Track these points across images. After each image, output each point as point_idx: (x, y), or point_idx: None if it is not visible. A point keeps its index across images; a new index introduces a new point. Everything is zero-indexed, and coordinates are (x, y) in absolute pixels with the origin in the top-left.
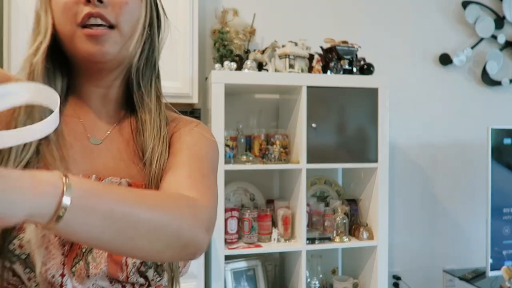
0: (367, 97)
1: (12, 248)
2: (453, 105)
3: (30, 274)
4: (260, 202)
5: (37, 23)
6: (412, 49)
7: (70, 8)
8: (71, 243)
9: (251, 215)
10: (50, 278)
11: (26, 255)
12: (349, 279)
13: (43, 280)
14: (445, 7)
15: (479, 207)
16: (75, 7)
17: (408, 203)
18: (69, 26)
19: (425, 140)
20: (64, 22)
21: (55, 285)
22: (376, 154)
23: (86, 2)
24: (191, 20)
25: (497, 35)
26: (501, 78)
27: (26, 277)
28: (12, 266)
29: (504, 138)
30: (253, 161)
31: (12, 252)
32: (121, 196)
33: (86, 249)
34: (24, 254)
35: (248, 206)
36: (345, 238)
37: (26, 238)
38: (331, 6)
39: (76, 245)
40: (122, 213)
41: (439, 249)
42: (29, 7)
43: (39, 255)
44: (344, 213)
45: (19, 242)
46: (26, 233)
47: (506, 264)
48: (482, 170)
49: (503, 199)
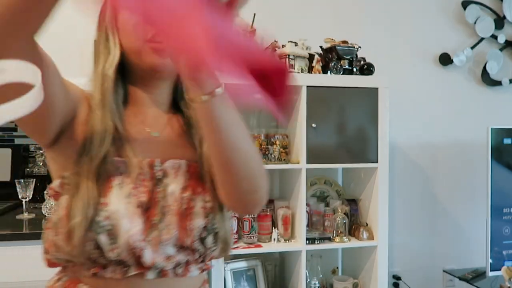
0: (367, 97)
1: (98, 220)
2: (453, 105)
3: (112, 245)
4: None
5: (105, 41)
6: (412, 49)
7: (139, 26)
8: (147, 213)
9: (251, 215)
10: (132, 246)
11: (112, 226)
12: (349, 279)
13: (125, 248)
14: (445, 7)
15: (479, 207)
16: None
17: (408, 203)
18: (137, 41)
19: (425, 140)
20: (133, 39)
21: (136, 252)
22: (376, 154)
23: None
24: None
25: (497, 35)
26: (501, 78)
27: (108, 248)
28: (97, 238)
29: (504, 138)
30: None
31: (98, 223)
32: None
33: (158, 219)
34: (110, 225)
35: None
36: (345, 238)
37: (113, 209)
38: (331, 6)
39: (151, 215)
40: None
41: (439, 249)
42: None
43: (125, 225)
44: (344, 213)
45: (106, 214)
46: (111, 205)
47: (506, 264)
48: (482, 170)
49: (503, 199)
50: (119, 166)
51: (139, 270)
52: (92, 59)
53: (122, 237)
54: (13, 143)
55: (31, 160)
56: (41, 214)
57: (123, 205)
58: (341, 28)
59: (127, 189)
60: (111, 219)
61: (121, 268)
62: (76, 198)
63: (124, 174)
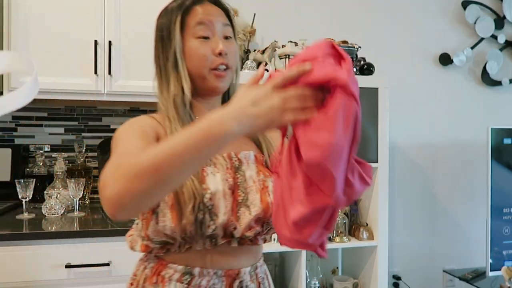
0: (367, 97)
1: (205, 201)
2: (453, 105)
3: (211, 221)
4: None
5: (174, 65)
6: (412, 49)
7: (207, 58)
8: (233, 194)
9: None
10: (228, 222)
11: (212, 205)
12: (349, 279)
13: (222, 224)
14: (445, 7)
15: (479, 207)
16: (211, 57)
17: (408, 203)
18: (204, 69)
19: (425, 140)
20: (200, 67)
21: (230, 227)
22: (376, 154)
23: (218, 55)
24: None
25: (497, 35)
26: (501, 78)
27: (207, 224)
28: (202, 217)
29: (504, 138)
30: None
31: (204, 204)
32: None
33: (242, 198)
34: (211, 205)
35: None
36: (345, 238)
37: (213, 191)
38: (331, 6)
39: (236, 195)
40: None
41: (439, 249)
42: (29, 7)
43: (222, 204)
44: (344, 213)
45: (209, 196)
46: (212, 189)
47: (506, 264)
48: (482, 170)
49: (503, 199)
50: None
51: (226, 240)
52: (159, 80)
53: (220, 214)
54: (13, 143)
55: (31, 160)
56: (41, 214)
57: (221, 188)
58: (341, 28)
59: (218, 176)
60: (212, 200)
61: (210, 240)
62: (182, 189)
63: (212, 165)
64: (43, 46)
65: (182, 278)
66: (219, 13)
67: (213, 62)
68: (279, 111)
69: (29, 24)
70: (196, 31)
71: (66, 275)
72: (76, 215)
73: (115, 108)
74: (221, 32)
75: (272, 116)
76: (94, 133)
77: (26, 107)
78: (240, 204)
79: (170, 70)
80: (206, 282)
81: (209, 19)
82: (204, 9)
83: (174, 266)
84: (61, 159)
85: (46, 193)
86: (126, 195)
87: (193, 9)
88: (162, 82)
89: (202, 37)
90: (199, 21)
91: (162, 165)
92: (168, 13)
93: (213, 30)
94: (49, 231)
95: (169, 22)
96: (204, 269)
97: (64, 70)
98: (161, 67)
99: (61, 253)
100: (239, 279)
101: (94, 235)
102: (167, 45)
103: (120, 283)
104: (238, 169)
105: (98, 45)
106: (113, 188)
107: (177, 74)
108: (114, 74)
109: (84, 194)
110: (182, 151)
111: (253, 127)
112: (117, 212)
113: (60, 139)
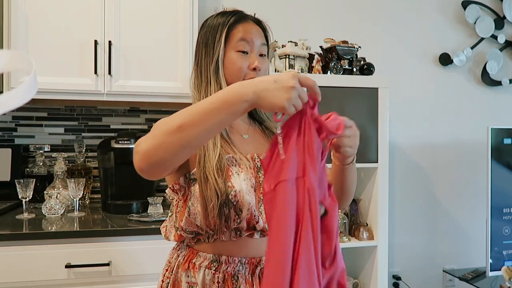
0: (367, 97)
1: (230, 197)
2: (453, 105)
3: (236, 216)
4: None
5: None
6: (412, 49)
7: (242, 71)
8: (255, 192)
9: None
10: (251, 216)
11: (237, 201)
12: (349, 279)
13: (246, 218)
14: (445, 7)
15: (479, 207)
16: (246, 70)
17: (408, 203)
18: (238, 79)
19: (425, 140)
20: (235, 77)
21: (253, 220)
22: (376, 154)
23: (253, 70)
24: (191, 19)
25: (497, 35)
26: (501, 78)
27: (232, 218)
28: (228, 212)
29: (504, 138)
30: None
31: (230, 200)
32: None
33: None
34: (236, 201)
35: None
36: (345, 238)
37: (238, 189)
38: (331, 6)
39: (258, 193)
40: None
41: (439, 249)
42: (29, 7)
43: (246, 200)
44: (344, 213)
45: (234, 193)
46: (236, 186)
47: (506, 264)
48: (482, 170)
49: (503, 199)
50: (232, 160)
51: (249, 232)
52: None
53: (244, 210)
54: (13, 143)
55: (31, 160)
56: (41, 214)
57: (244, 186)
58: (341, 28)
59: (242, 175)
60: (237, 197)
61: (236, 232)
62: (206, 186)
63: (237, 165)
64: (43, 46)
65: (210, 265)
66: (259, 33)
67: (247, 75)
68: (288, 94)
69: (29, 24)
70: (237, 45)
71: (66, 275)
72: (76, 215)
73: (115, 108)
74: (258, 50)
75: (281, 95)
76: (94, 133)
77: (26, 107)
78: (261, 200)
79: (211, 73)
80: (232, 269)
81: (250, 37)
82: (247, 28)
83: (204, 254)
84: (61, 159)
85: (46, 193)
86: (153, 149)
87: (238, 25)
88: (201, 82)
89: (242, 51)
90: (241, 37)
91: (185, 124)
92: (215, 25)
93: (251, 47)
94: (49, 231)
95: (215, 33)
96: (230, 257)
97: (64, 70)
98: (202, 69)
99: (61, 253)
100: (261, 266)
101: (94, 235)
102: (211, 52)
103: (120, 283)
104: (259, 169)
105: (98, 45)
106: (144, 144)
107: (216, 78)
108: (114, 74)
109: (84, 194)
110: (204, 113)
111: (259, 99)
112: (145, 165)
113: (60, 139)
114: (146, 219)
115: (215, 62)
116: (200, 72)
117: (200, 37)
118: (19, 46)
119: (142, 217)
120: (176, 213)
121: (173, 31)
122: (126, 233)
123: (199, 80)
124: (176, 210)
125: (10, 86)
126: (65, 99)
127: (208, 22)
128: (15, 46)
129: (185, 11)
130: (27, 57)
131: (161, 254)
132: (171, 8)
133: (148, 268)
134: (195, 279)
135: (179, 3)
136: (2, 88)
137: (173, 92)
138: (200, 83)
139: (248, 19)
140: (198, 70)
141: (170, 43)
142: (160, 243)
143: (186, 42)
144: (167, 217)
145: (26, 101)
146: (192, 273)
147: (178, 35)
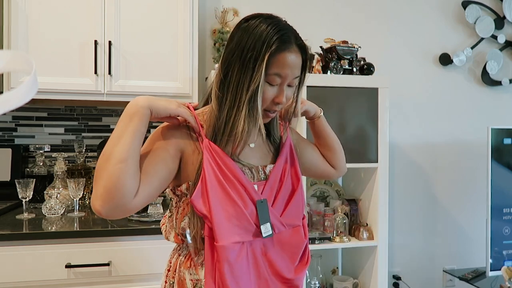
0: (367, 97)
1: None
2: (453, 105)
3: None
4: None
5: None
6: (412, 49)
7: (267, 101)
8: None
9: None
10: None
11: None
12: (349, 279)
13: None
14: (445, 7)
15: (479, 207)
16: (270, 102)
17: (408, 203)
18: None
19: (425, 140)
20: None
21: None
22: (376, 154)
23: (276, 104)
24: (191, 20)
25: (497, 35)
26: (501, 78)
27: None
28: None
29: (504, 138)
30: None
31: None
32: None
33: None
34: None
35: None
36: (345, 238)
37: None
38: (331, 6)
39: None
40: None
41: (439, 249)
42: (29, 7)
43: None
44: (344, 213)
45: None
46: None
47: (506, 264)
48: (482, 170)
49: (503, 199)
50: (243, 170)
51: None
52: (224, 95)
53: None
54: (13, 143)
55: (31, 160)
56: (41, 214)
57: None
58: (341, 28)
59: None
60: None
61: None
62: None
63: (248, 174)
64: (43, 46)
65: None
66: (296, 66)
67: (269, 106)
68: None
69: (29, 24)
70: (270, 77)
71: (66, 275)
72: (76, 215)
73: (115, 108)
74: (288, 81)
75: (170, 101)
76: (94, 133)
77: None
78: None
79: (244, 99)
80: None
81: (285, 72)
82: (286, 61)
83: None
84: (61, 159)
85: (46, 193)
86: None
87: (279, 55)
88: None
89: (271, 84)
90: (277, 72)
91: (110, 145)
92: (257, 40)
93: (283, 80)
94: (49, 231)
95: (255, 53)
96: None
97: (64, 70)
98: (233, 88)
99: (61, 253)
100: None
101: (94, 235)
102: (248, 76)
103: (120, 283)
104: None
105: (98, 45)
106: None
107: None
108: (114, 74)
109: (84, 194)
110: (117, 132)
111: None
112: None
113: (60, 139)
114: (146, 219)
115: (251, 92)
116: (229, 85)
117: (237, 41)
118: (19, 46)
119: (142, 217)
120: (176, 215)
121: (173, 31)
122: (126, 233)
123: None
124: (176, 215)
125: (10, 86)
126: (65, 99)
127: (250, 26)
128: (15, 46)
129: (185, 11)
130: (27, 57)
131: (161, 254)
132: (171, 8)
133: (148, 268)
134: (198, 276)
135: (180, 3)
136: (2, 88)
137: (173, 92)
138: (226, 99)
139: (292, 45)
140: (227, 83)
141: (170, 43)
142: (160, 243)
143: (186, 42)
144: (167, 217)
145: (26, 101)
146: (194, 270)
147: (178, 35)
